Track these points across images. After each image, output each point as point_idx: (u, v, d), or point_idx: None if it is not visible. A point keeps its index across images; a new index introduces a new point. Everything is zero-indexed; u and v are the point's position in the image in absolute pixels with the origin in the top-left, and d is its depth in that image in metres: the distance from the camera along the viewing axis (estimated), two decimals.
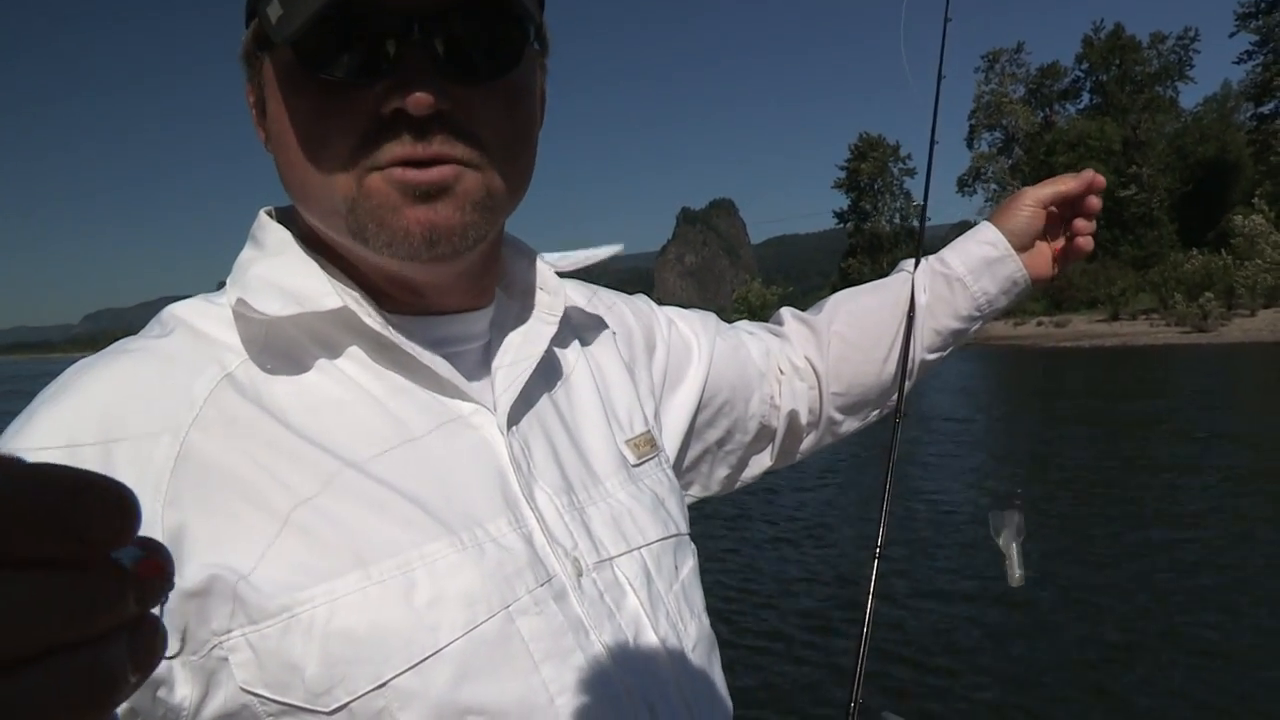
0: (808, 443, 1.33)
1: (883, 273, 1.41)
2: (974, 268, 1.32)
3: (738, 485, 1.29)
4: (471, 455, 0.78)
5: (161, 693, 0.65)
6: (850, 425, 1.35)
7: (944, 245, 1.37)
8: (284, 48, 0.72)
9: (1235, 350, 37.68)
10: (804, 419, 1.29)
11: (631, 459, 0.94)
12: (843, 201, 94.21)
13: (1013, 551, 1.33)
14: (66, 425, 0.67)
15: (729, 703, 0.92)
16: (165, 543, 0.60)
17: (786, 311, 1.38)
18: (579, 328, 0.99)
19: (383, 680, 0.67)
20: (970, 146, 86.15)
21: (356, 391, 0.76)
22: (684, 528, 0.96)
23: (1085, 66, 79.90)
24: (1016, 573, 1.33)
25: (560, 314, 0.91)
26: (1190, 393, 23.66)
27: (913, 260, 1.37)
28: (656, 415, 1.05)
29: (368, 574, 0.69)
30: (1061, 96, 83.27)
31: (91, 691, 0.29)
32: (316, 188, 0.75)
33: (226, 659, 0.66)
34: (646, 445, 0.97)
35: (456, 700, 0.69)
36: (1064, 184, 1.31)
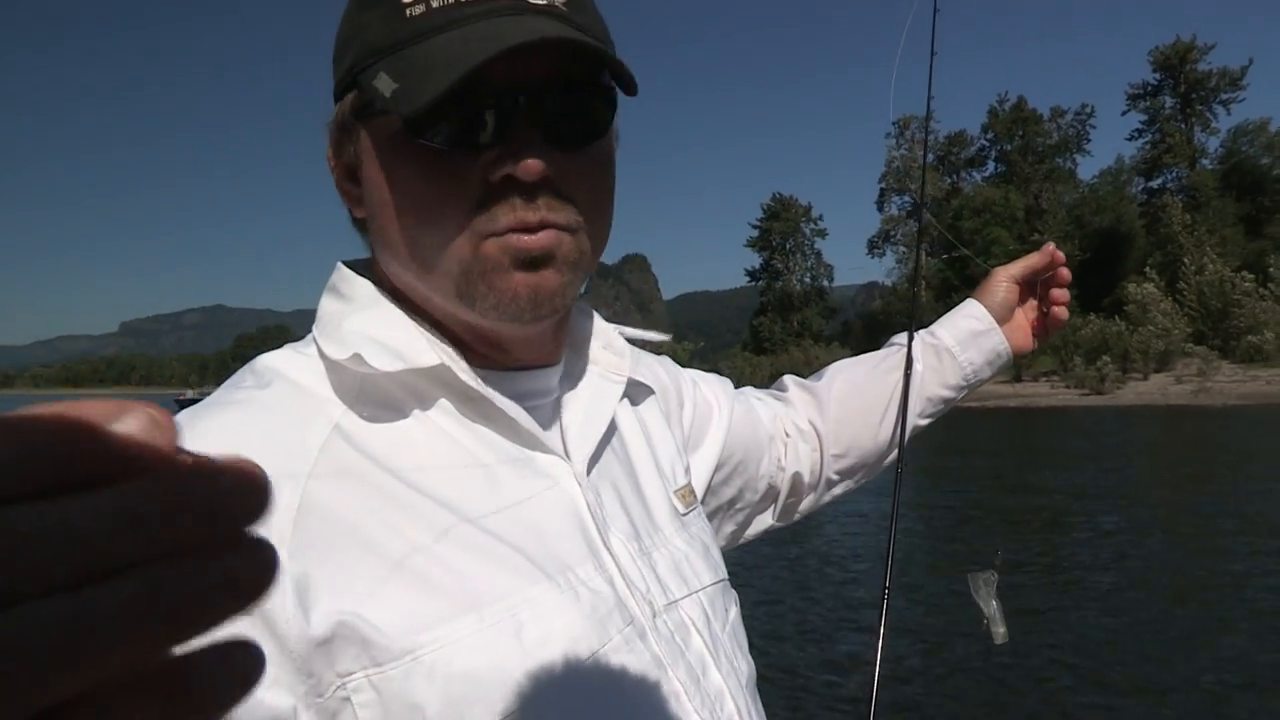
0: (807, 503, 1.40)
1: (793, 331, 1.47)
2: (961, 340, 1.43)
3: (740, 542, 1.34)
4: (556, 505, 0.82)
5: None
6: (845, 486, 1.42)
7: (851, 305, 1.35)
8: (390, 118, 0.75)
9: (1129, 411, 38.90)
10: (806, 479, 1.37)
11: (681, 508, 1.00)
12: (755, 260, 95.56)
13: (993, 610, 1.37)
14: None
15: None
16: (291, 592, 0.66)
17: (789, 379, 1.46)
18: (628, 385, 1.02)
19: (499, 716, 0.71)
20: (880, 210, 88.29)
21: (450, 443, 0.80)
22: (725, 573, 1.02)
23: (990, 136, 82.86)
24: (1000, 630, 1.37)
25: (626, 374, 0.97)
26: (1090, 452, 24.33)
27: (904, 334, 1.45)
28: (687, 470, 1.10)
29: (481, 617, 0.72)
30: (968, 164, 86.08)
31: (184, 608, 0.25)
32: (428, 250, 0.78)
33: (349, 699, 0.68)
34: (690, 496, 1.04)
35: None
36: (1032, 260, 1.44)
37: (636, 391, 1.04)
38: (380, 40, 0.76)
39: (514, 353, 0.86)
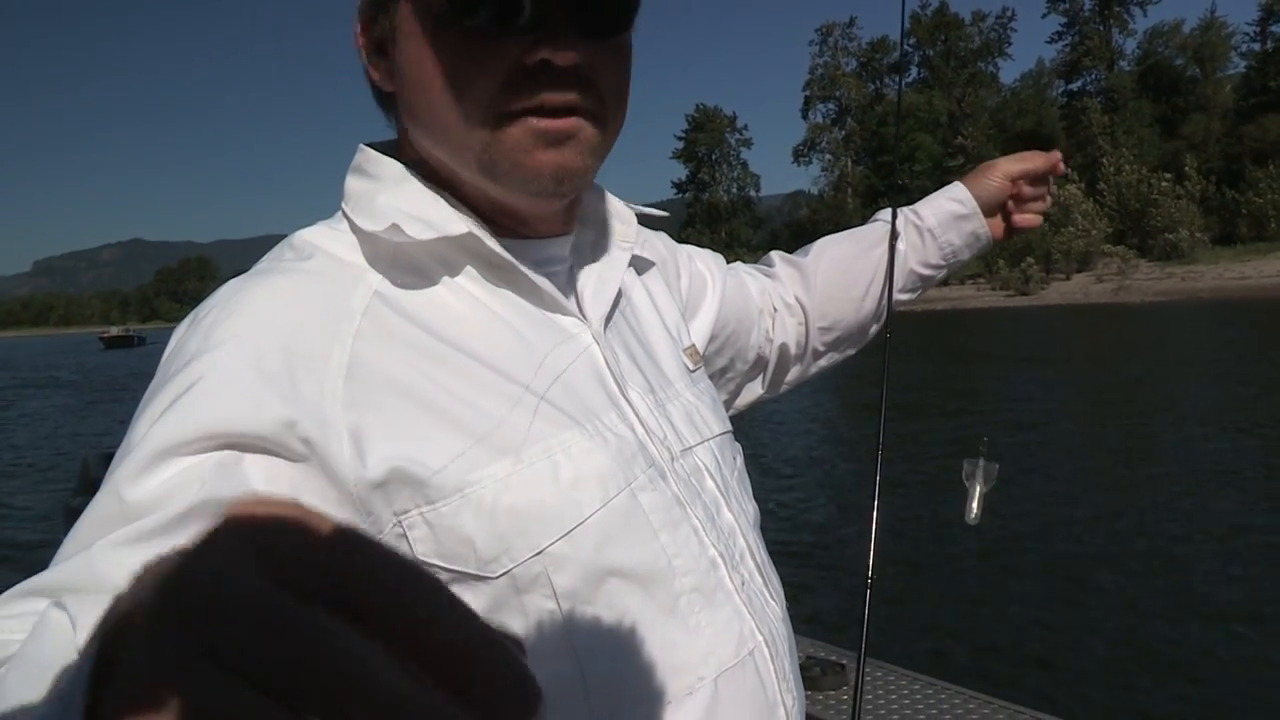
0: (794, 373, 1.45)
1: (722, 242, 1.63)
2: (943, 221, 1.45)
3: (731, 411, 1.37)
4: (579, 360, 0.89)
5: None
6: (831, 358, 1.48)
7: (777, 215, 1.37)
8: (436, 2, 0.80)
9: (1053, 311, 39.50)
10: (793, 351, 1.42)
11: (690, 365, 1.07)
12: (681, 172, 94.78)
13: (975, 492, 1.47)
14: (250, 342, 0.74)
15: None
16: (348, 440, 0.73)
17: (775, 254, 1.50)
18: (633, 256, 1.08)
19: (540, 548, 0.78)
20: (805, 118, 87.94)
21: (479, 306, 0.86)
22: (730, 426, 1.09)
23: (913, 42, 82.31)
24: (974, 510, 1.47)
25: (634, 241, 1.03)
26: (1025, 352, 24.53)
27: (889, 211, 1.48)
28: (689, 333, 1.17)
29: (520, 458, 0.79)
30: (891, 70, 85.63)
31: None
32: (454, 126, 0.83)
33: (405, 535, 0.76)
34: (696, 355, 1.11)
35: (599, 563, 0.80)
36: (1033, 161, 1.45)
37: (641, 262, 1.10)
38: None
39: (533, 225, 0.91)
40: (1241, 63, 70.29)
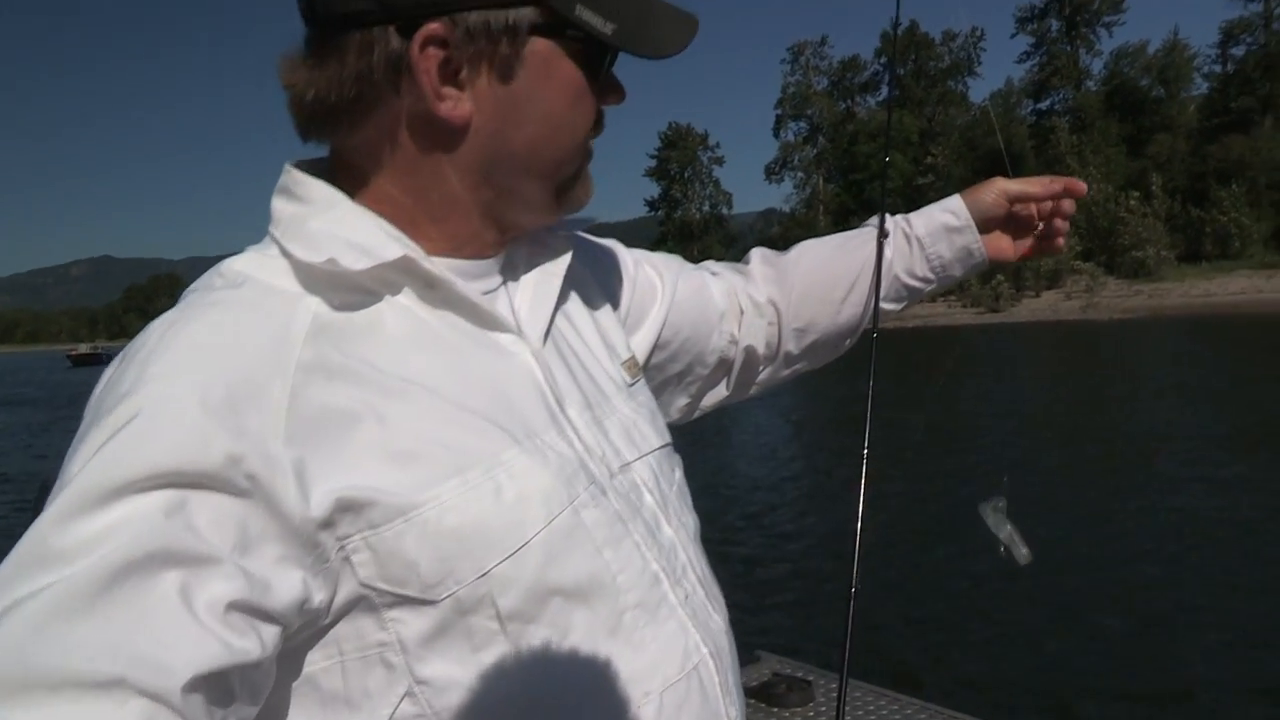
0: (764, 375, 1.42)
1: (694, 260, 1.44)
2: (933, 231, 1.40)
3: (696, 414, 1.40)
4: (518, 377, 0.90)
5: (306, 606, 0.73)
6: (806, 362, 1.45)
7: (750, 232, 1.38)
8: (570, 42, 0.87)
9: (1023, 328, 39.74)
10: (761, 353, 1.39)
11: (628, 379, 1.07)
12: (654, 189, 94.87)
13: (1009, 534, 1.38)
14: (191, 375, 0.73)
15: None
16: (292, 476, 0.72)
17: (756, 252, 1.46)
18: (573, 266, 1.08)
19: (484, 570, 0.79)
20: (777, 136, 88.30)
21: (418, 327, 0.86)
22: (670, 438, 1.09)
23: (884, 60, 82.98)
24: (1022, 551, 1.37)
25: (569, 256, 1.03)
26: (993, 367, 24.62)
27: (878, 217, 1.44)
28: (629, 346, 1.15)
29: (463, 480, 0.80)
30: (862, 89, 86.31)
31: None
32: (556, 156, 0.91)
33: (349, 559, 0.76)
34: (635, 368, 1.11)
35: (544, 582, 0.81)
36: (1033, 186, 1.38)
37: (579, 274, 1.09)
38: None
39: (469, 246, 0.94)
40: (1204, 84, 71.42)
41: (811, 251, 1.43)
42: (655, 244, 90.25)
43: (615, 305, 1.17)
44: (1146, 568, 7.88)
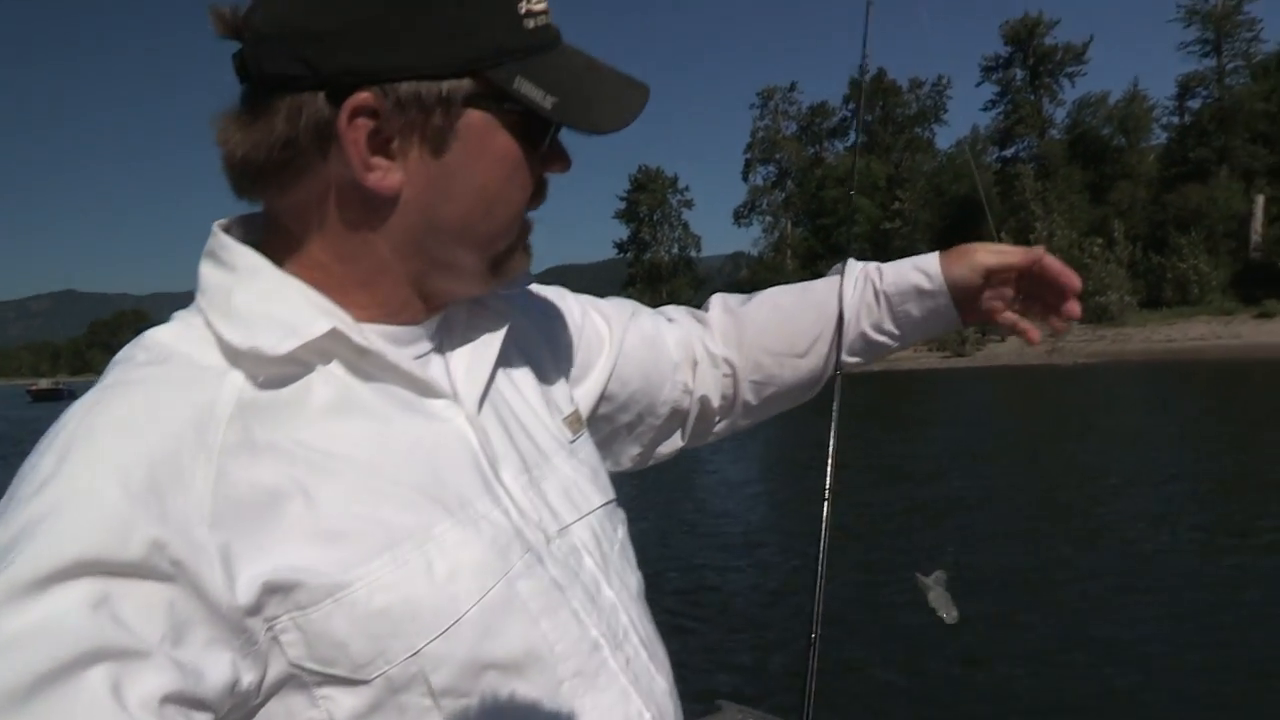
0: (721, 426, 1.41)
1: (662, 302, 1.42)
2: (903, 290, 1.35)
3: (651, 461, 1.38)
4: (451, 445, 0.88)
5: (236, 689, 0.72)
6: (766, 412, 1.42)
7: (718, 275, 1.35)
8: (509, 115, 0.85)
9: (987, 373, 40.04)
10: (716, 404, 1.37)
11: (569, 436, 1.05)
12: (623, 232, 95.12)
13: (940, 599, 1.37)
14: (112, 459, 0.71)
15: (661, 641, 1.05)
16: (218, 562, 0.71)
17: (716, 299, 1.43)
18: (515, 319, 1.06)
19: (416, 649, 0.77)
20: (746, 180, 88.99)
21: (348, 398, 0.84)
22: (614, 493, 1.08)
23: (852, 107, 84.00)
24: (954, 611, 1.36)
25: (508, 315, 1.01)
26: (964, 411, 24.74)
27: (851, 263, 1.40)
28: (573, 399, 1.14)
29: (394, 557, 0.79)
30: (830, 134, 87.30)
31: None
32: (491, 228, 0.89)
33: (277, 639, 0.74)
34: (578, 423, 1.09)
35: (478, 657, 0.80)
36: (1011, 256, 1.32)
37: (524, 326, 1.08)
38: (507, 43, 0.84)
39: (402, 311, 0.92)
40: (1163, 134, 72.77)
41: (772, 302, 1.40)
42: (624, 285, 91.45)
43: (559, 358, 1.15)
44: (1107, 611, 7.87)
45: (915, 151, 79.86)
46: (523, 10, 0.84)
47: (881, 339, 1.39)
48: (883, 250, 72.83)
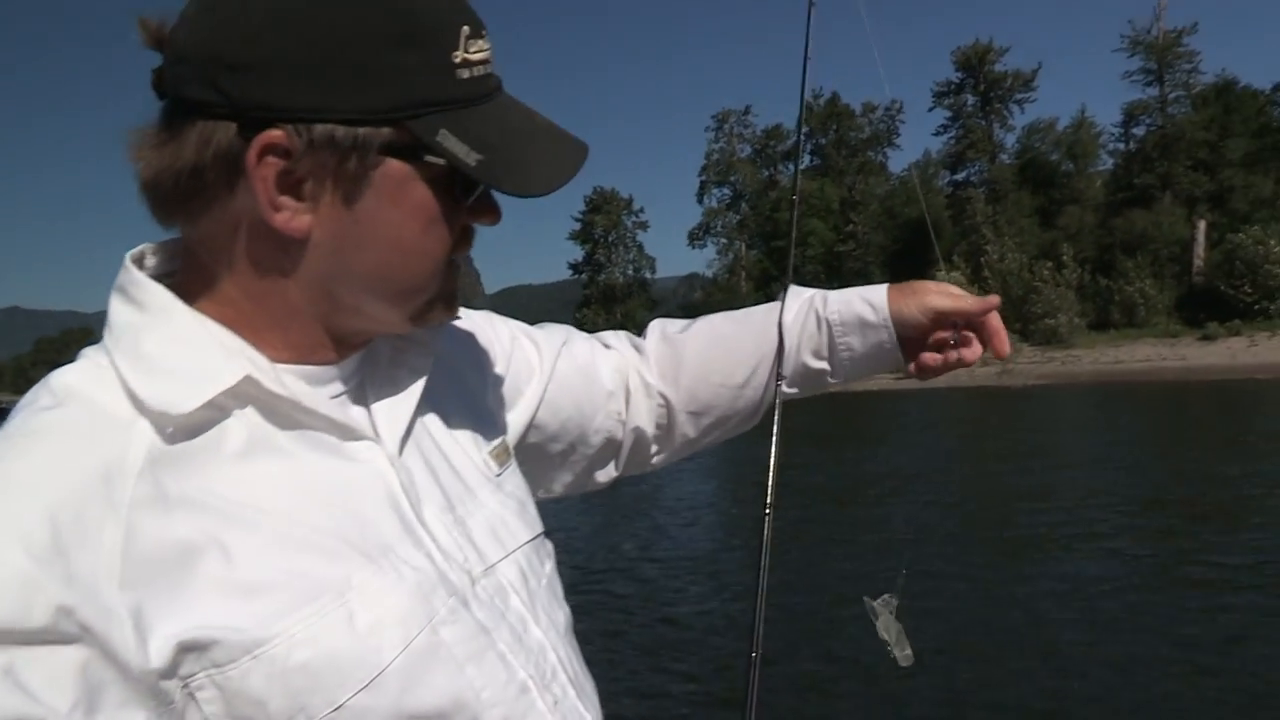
0: (659, 458, 1.38)
1: (617, 323, 1.46)
2: (847, 321, 1.31)
3: (588, 489, 1.36)
4: (371, 489, 0.86)
5: None
6: (706, 441, 1.39)
7: (673, 297, 1.36)
8: (429, 166, 0.82)
9: (939, 394, 40.30)
10: (650, 434, 1.34)
11: (495, 468, 1.03)
12: (577, 252, 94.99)
13: (895, 634, 1.30)
14: (12, 518, 0.68)
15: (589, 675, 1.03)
16: (129, 623, 0.68)
17: (655, 325, 1.41)
18: (441, 351, 1.03)
19: (338, 704, 0.75)
20: (700, 202, 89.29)
21: (265, 443, 0.81)
22: (541, 526, 1.06)
23: (806, 130, 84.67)
24: (905, 652, 1.30)
25: (430, 349, 0.98)
26: (915, 433, 24.84)
27: (795, 289, 1.37)
28: (502, 429, 1.13)
29: (314, 610, 0.76)
30: (784, 157, 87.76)
31: None
32: (410, 279, 0.86)
33: (193, 696, 0.72)
34: (504, 454, 1.07)
35: (402, 709, 0.78)
36: (963, 301, 1.28)
37: (451, 355, 1.06)
38: (434, 94, 0.80)
39: (320, 351, 0.89)
40: (1109, 160, 74.12)
41: (710, 329, 1.36)
42: (579, 307, 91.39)
43: (486, 387, 1.13)
44: (1051, 633, 7.83)
45: (868, 175, 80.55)
46: (457, 60, 0.81)
47: (821, 368, 1.33)
48: (836, 273, 73.45)
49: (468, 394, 1.07)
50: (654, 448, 1.36)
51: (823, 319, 1.31)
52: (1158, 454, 18.87)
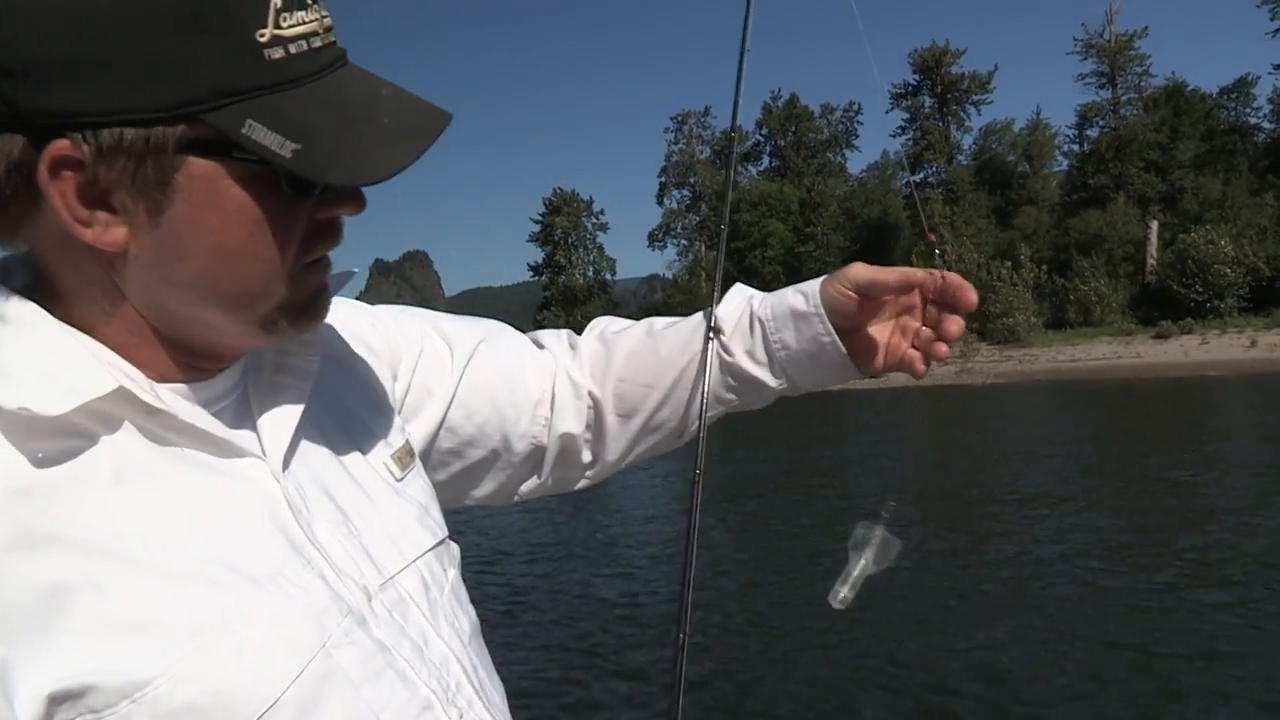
0: (593, 470, 1.31)
1: (577, 325, 1.34)
2: (779, 315, 1.23)
3: (515, 499, 1.30)
4: (255, 509, 0.80)
5: None
6: (639, 449, 1.30)
7: (634, 298, 1.35)
8: (243, 165, 0.73)
9: (901, 393, 40.58)
10: (580, 438, 1.27)
11: (396, 473, 0.98)
12: (537, 255, 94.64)
13: (857, 569, 1.17)
14: None
15: (498, 677, 1.00)
16: None
17: (595, 324, 1.35)
18: (329, 350, 0.98)
19: None
20: (660, 203, 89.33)
21: (140, 467, 0.75)
22: (446, 530, 1.01)
23: (765, 131, 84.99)
24: (843, 592, 1.16)
25: (318, 353, 0.92)
26: (871, 432, 24.98)
27: (734, 290, 1.30)
28: (404, 430, 1.07)
29: (197, 645, 0.71)
30: (744, 159, 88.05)
31: None
32: (248, 287, 0.77)
33: None
34: (408, 456, 1.01)
35: None
36: (887, 275, 1.18)
37: (346, 354, 1.02)
38: (235, 80, 0.71)
39: (198, 362, 0.83)
40: (1064, 161, 75.05)
41: (646, 329, 1.29)
42: (540, 309, 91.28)
43: (386, 388, 1.06)
44: (997, 624, 7.89)
45: (827, 176, 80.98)
46: (263, 39, 0.71)
47: (757, 373, 1.23)
48: (796, 273, 73.75)
49: (366, 396, 1.01)
50: (585, 455, 1.29)
51: (755, 316, 1.23)
52: (1116, 449, 19.08)
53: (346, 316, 1.05)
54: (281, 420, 0.86)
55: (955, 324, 1.16)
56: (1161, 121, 65.23)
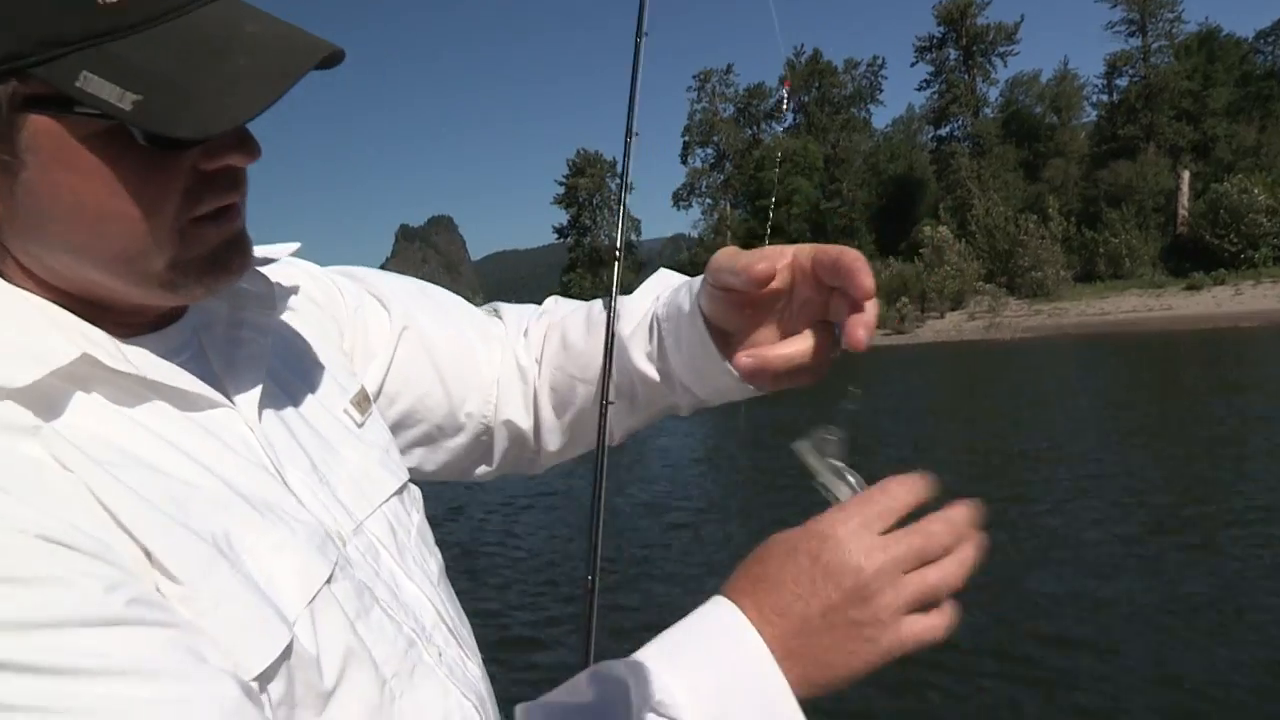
0: (542, 460, 1.26)
1: (603, 287, 1.20)
2: (670, 311, 1.07)
3: (467, 478, 1.26)
4: (239, 458, 0.79)
5: None
6: (580, 448, 1.24)
7: (659, 258, 1.30)
8: (88, 120, 0.67)
9: (929, 349, 40.47)
10: (527, 425, 1.22)
11: (357, 418, 0.98)
12: (562, 217, 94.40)
13: (834, 469, 0.85)
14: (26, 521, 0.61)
15: (465, 616, 1.00)
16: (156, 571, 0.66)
17: (547, 303, 1.28)
18: (290, 299, 0.99)
19: (254, 674, 0.69)
20: (684, 162, 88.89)
21: (116, 427, 0.73)
22: (407, 473, 1.01)
23: (789, 88, 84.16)
24: (850, 480, 0.84)
25: (274, 309, 0.93)
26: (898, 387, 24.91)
27: (648, 280, 1.17)
28: (356, 376, 1.07)
29: (224, 567, 0.71)
30: (767, 116, 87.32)
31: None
32: (133, 246, 0.72)
33: None
34: (365, 401, 1.01)
35: (306, 665, 0.74)
36: (739, 263, 0.92)
37: (299, 305, 1.02)
38: (65, 29, 0.65)
39: (157, 313, 0.82)
40: (1093, 112, 74.04)
41: (583, 318, 1.18)
42: (565, 270, 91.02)
43: (339, 336, 1.07)
44: (1027, 578, 7.80)
45: (851, 132, 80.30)
46: None
47: (652, 376, 1.09)
48: (821, 230, 73.33)
49: (319, 346, 1.01)
50: (535, 441, 1.23)
51: (655, 317, 1.09)
52: (1148, 401, 18.97)
53: (290, 274, 1.03)
54: (245, 372, 0.85)
55: (861, 326, 0.84)
56: (1194, 68, 64.23)
